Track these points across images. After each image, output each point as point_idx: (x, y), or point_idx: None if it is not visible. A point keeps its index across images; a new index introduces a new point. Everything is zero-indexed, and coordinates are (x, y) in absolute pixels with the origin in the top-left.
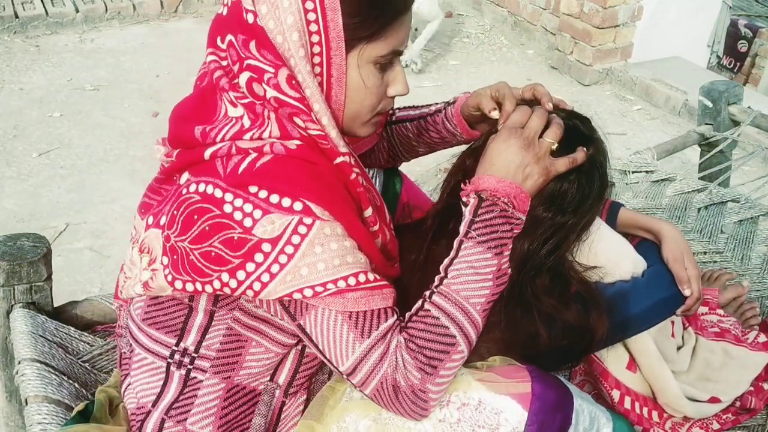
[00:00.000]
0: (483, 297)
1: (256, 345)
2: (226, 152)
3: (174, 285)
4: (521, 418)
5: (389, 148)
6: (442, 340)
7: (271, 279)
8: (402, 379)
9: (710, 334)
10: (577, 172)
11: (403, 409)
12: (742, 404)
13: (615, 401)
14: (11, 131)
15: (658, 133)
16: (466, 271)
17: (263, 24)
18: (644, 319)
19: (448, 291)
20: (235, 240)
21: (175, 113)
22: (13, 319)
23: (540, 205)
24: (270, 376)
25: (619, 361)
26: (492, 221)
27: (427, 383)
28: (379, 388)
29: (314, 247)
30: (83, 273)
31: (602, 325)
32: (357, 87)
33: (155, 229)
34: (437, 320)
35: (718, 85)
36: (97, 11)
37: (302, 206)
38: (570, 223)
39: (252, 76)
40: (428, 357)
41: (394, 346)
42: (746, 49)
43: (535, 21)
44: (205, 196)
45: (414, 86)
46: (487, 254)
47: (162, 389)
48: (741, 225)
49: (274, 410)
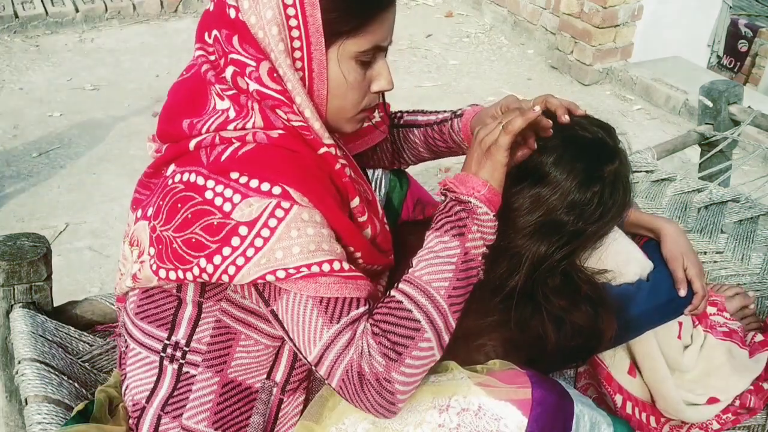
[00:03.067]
0: (446, 281)
1: (246, 338)
2: (209, 143)
3: (158, 274)
4: (521, 424)
5: (393, 150)
6: (406, 324)
7: (245, 262)
8: (367, 366)
9: (719, 333)
10: (602, 183)
11: (368, 401)
12: (742, 403)
13: (618, 406)
14: (11, 131)
15: (658, 133)
16: (427, 256)
17: (245, 19)
18: (643, 322)
19: (411, 277)
20: (215, 225)
21: (165, 109)
22: (13, 319)
23: (561, 212)
24: (267, 374)
25: (620, 365)
26: (445, 208)
27: (392, 371)
28: (345, 377)
29: (290, 231)
30: (83, 273)
31: (611, 327)
32: (338, 82)
33: (143, 221)
34: (400, 304)
35: (719, 85)
36: (97, 11)
37: (281, 190)
38: (589, 232)
39: (236, 70)
40: (392, 342)
41: (361, 332)
42: (746, 48)
43: (535, 21)
44: (188, 185)
45: (414, 86)
46: (444, 237)
47: (155, 384)
48: (741, 225)
49: (272, 409)
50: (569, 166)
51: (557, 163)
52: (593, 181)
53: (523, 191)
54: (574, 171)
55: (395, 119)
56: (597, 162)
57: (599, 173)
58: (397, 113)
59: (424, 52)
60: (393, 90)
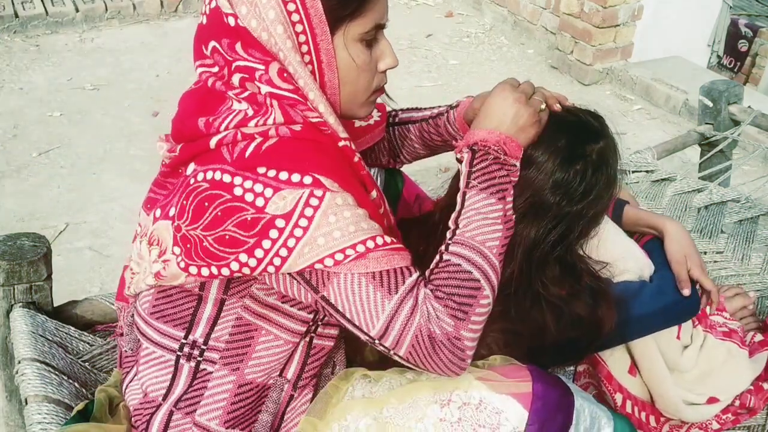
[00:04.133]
0: (497, 240)
1: (266, 333)
2: (231, 139)
3: (189, 270)
4: (522, 417)
5: (390, 148)
6: (468, 284)
7: (289, 253)
8: (437, 328)
9: (719, 333)
10: (585, 163)
11: (442, 361)
12: (742, 403)
13: (618, 405)
14: (11, 131)
15: (658, 133)
16: (476, 217)
17: (246, 24)
18: (647, 324)
19: (463, 239)
20: (249, 220)
21: (177, 114)
22: (13, 319)
23: (547, 191)
24: (279, 372)
25: (620, 365)
26: (488, 168)
27: (461, 330)
28: (415, 343)
29: (328, 217)
30: (83, 272)
31: (610, 318)
32: (348, 67)
33: (164, 221)
34: (459, 266)
35: (719, 85)
36: (97, 11)
37: (312, 179)
38: (574, 211)
39: (243, 76)
40: (457, 303)
41: (423, 298)
42: (746, 48)
43: (535, 20)
44: (214, 183)
45: (414, 86)
46: (491, 199)
47: (172, 382)
48: (741, 225)
49: (281, 406)
50: (552, 146)
51: (540, 143)
52: (575, 159)
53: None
54: (556, 150)
55: (391, 117)
56: (579, 140)
57: (581, 151)
58: (392, 112)
59: (425, 52)
60: (393, 90)
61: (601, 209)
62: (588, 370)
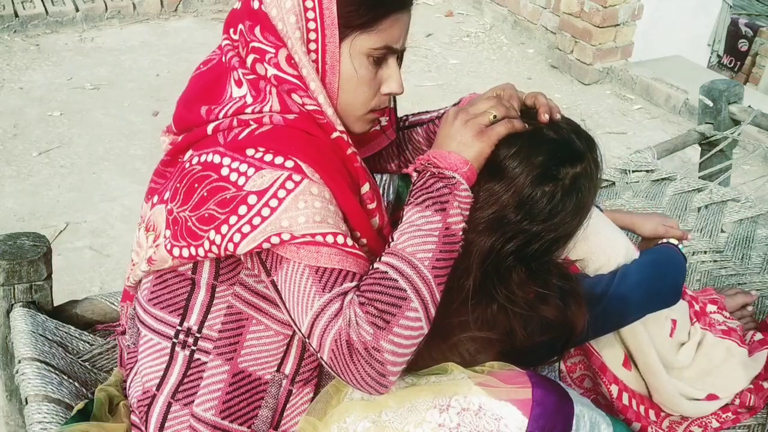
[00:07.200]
0: (429, 252)
1: (257, 323)
2: (227, 125)
3: (172, 253)
4: (522, 424)
5: (399, 153)
6: (392, 292)
7: (251, 230)
8: (355, 335)
9: (718, 331)
10: (555, 185)
11: (359, 373)
12: (742, 402)
13: (614, 396)
14: (11, 130)
15: (658, 132)
16: (409, 229)
17: (267, 10)
18: (628, 306)
19: (394, 250)
20: (227, 198)
21: (183, 96)
22: (13, 318)
23: (511, 206)
24: (277, 367)
25: (614, 358)
26: (425, 183)
27: (381, 340)
28: (334, 347)
29: (298, 203)
30: (83, 272)
31: (581, 319)
32: (350, 76)
33: (159, 206)
34: (385, 274)
35: (719, 84)
36: (97, 10)
37: (293, 164)
38: (534, 231)
39: (256, 57)
40: (379, 310)
41: (348, 302)
42: (747, 48)
43: (535, 20)
44: (205, 164)
45: (414, 86)
46: (426, 212)
47: (166, 371)
48: (741, 224)
49: (280, 401)
50: (527, 161)
51: (515, 156)
52: (547, 179)
53: (479, 183)
54: (531, 166)
55: (401, 122)
56: (555, 160)
57: (555, 172)
58: (403, 117)
59: (425, 52)
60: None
61: (564, 234)
62: (583, 361)
